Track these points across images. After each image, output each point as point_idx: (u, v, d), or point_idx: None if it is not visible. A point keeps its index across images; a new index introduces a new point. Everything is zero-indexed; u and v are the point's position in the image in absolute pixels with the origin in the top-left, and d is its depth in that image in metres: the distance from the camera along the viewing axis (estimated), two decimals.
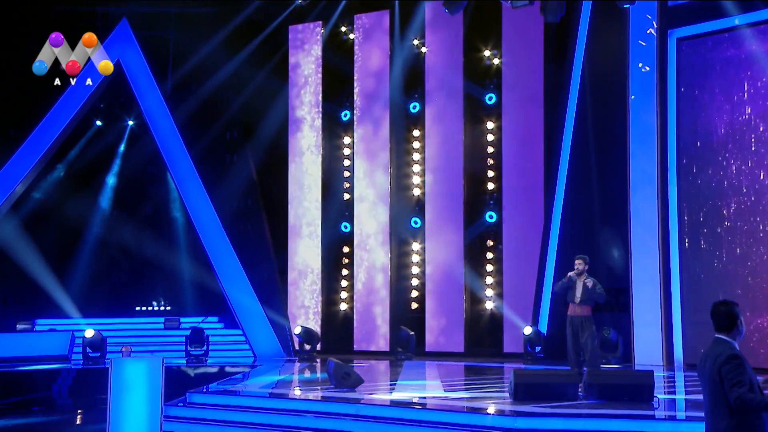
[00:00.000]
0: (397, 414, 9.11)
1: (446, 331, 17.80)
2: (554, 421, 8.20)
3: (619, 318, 15.31)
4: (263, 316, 17.46)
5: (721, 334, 4.75)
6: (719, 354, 4.67)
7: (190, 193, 17.68)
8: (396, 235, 18.46)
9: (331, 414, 9.51)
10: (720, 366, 4.61)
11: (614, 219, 15.45)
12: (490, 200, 17.68)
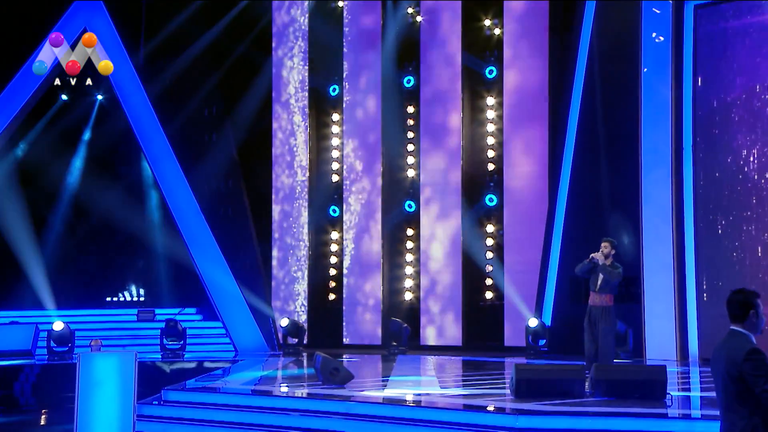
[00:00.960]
0: (389, 412, 9.11)
1: (443, 323, 17.83)
2: (558, 419, 8.22)
3: (630, 309, 15.34)
4: (245, 307, 17.45)
5: (735, 326, 4.67)
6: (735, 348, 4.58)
7: (166, 175, 17.61)
8: (389, 219, 18.46)
9: (319, 412, 9.51)
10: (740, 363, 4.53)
11: (624, 202, 15.45)
12: (490, 182, 17.67)
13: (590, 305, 10.76)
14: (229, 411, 10.04)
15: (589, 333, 10.68)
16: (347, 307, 18.59)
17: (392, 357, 16.10)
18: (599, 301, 10.67)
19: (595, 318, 10.63)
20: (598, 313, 10.64)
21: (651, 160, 14.86)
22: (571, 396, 9.29)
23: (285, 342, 17.03)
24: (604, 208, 15.77)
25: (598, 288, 10.66)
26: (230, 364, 15.14)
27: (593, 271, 10.70)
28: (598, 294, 10.67)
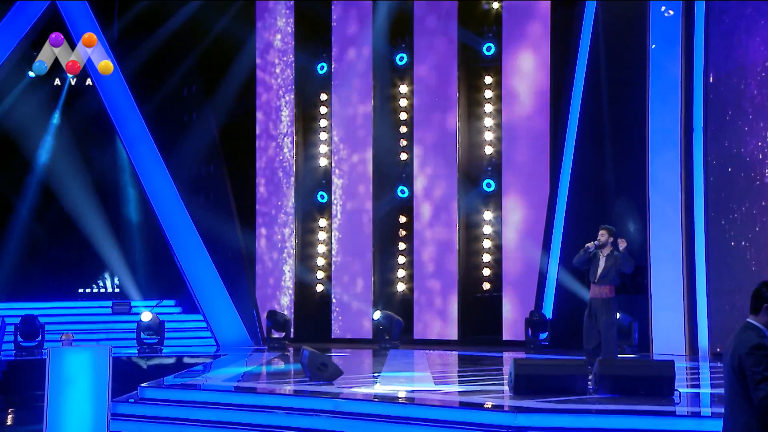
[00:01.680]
0: (380, 410, 9.11)
1: (437, 315, 17.85)
2: (560, 418, 8.22)
3: (635, 301, 15.36)
4: (227, 299, 17.45)
5: (751, 318, 4.67)
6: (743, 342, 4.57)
7: (142, 158, 17.54)
8: (380, 206, 18.44)
9: (306, 410, 9.51)
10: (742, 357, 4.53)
11: (630, 187, 15.45)
12: (488, 166, 17.66)
13: (590, 297, 10.73)
14: (210, 409, 10.03)
15: (588, 326, 10.64)
16: (336, 299, 18.58)
17: (384, 351, 16.11)
18: (599, 293, 10.63)
19: (596, 311, 10.59)
20: (599, 305, 10.59)
21: (659, 142, 14.85)
22: (573, 393, 9.30)
23: (270, 336, 17.04)
24: (609, 194, 15.77)
25: (597, 279, 10.62)
26: (211, 359, 15.13)
27: (592, 262, 10.66)
28: (597, 285, 10.63)
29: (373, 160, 18.39)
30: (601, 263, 10.62)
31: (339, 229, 18.68)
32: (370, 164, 18.39)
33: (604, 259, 10.61)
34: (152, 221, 17.79)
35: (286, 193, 19.02)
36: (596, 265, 10.64)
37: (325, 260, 19.01)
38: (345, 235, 18.61)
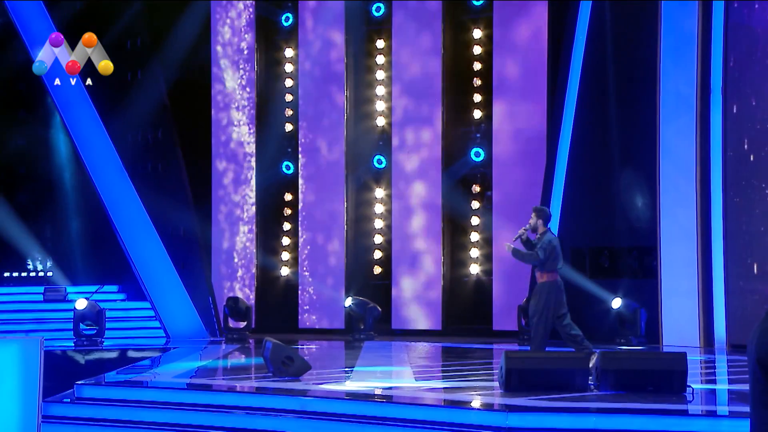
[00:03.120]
0: (353, 409, 9.13)
1: (419, 302, 17.88)
2: (556, 417, 8.25)
3: (644, 286, 15.44)
4: (179, 283, 17.39)
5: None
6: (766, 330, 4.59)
7: (79, 122, 17.37)
8: (354, 178, 18.40)
9: (269, 410, 9.50)
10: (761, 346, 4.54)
11: (639, 157, 15.48)
12: (476, 133, 17.65)
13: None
14: (159, 410, 10.01)
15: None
16: (304, 284, 18.57)
17: (358, 343, 16.13)
18: (538, 279, 11.07)
19: (533, 297, 11.07)
20: (535, 291, 11.05)
21: (671, 106, 14.87)
22: (571, 389, 9.33)
23: (228, 326, 17.00)
24: (614, 164, 15.80)
25: (534, 265, 11.14)
26: (160, 352, 15.11)
27: (529, 249, 11.03)
28: (537, 271, 11.07)
29: (346, 125, 18.33)
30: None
31: (307, 204, 18.63)
32: (344, 130, 18.33)
33: (538, 243, 10.91)
34: (90, 194, 17.62)
35: (246, 163, 18.93)
36: (532, 250, 10.96)
37: (291, 240, 18.97)
38: (314, 211, 18.56)
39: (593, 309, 15.82)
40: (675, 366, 9.37)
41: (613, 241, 16.07)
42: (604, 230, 16.17)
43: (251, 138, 18.91)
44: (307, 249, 18.63)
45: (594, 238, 16.34)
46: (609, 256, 16.23)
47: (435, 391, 10.14)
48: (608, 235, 16.12)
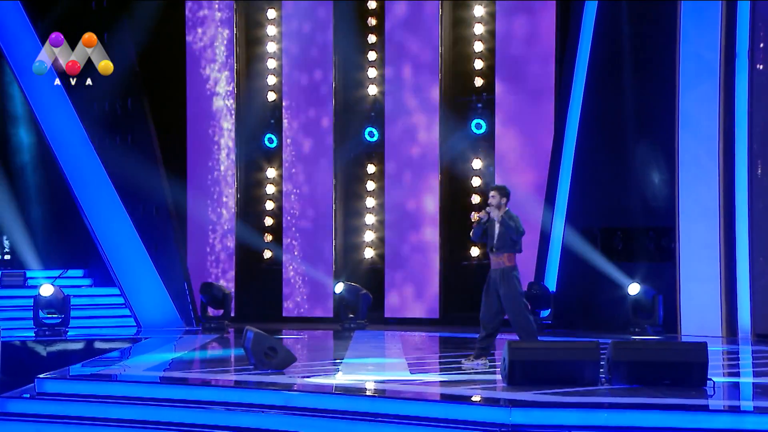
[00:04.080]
0: (343, 405, 9.13)
1: (414, 288, 17.89)
2: (564, 414, 8.26)
3: (660, 270, 15.45)
4: (151, 268, 17.38)
5: None
6: None
7: (39, 88, 17.26)
8: (343, 151, 18.37)
9: (250, 406, 9.51)
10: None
11: (656, 128, 15.45)
12: (477, 102, 17.60)
13: (491, 268, 11.29)
14: (129, 406, 10.00)
15: (485, 304, 11.16)
16: (288, 268, 18.56)
17: (348, 333, 16.15)
18: (497, 263, 11.19)
19: (494, 285, 11.14)
20: (497, 277, 11.12)
21: (692, 71, 14.83)
22: (581, 383, 9.34)
23: (205, 314, 17.00)
24: (628, 136, 15.77)
25: (494, 248, 11.18)
26: (130, 343, 15.09)
27: (489, 229, 11.19)
28: (495, 255, 11.21)
29: (334, 94, 18.28)
30: (496, 229, 11.16)
31: (292, 180, 18.59)
32: (332, 99, 18.28)
33: (499, 224, 11.11)
34: (53, 169, 17.55)
35: (225, 134, 18.88)
36: (492, 231, 11.19)
37: (275, 220, 18.94)
38: (300, 188, 18.53)
39: (606, 295, 15.84)
40: (694, 357, 9.39)
41: (627, 221, 16.07)
42: (617, 209, 16.16)
43: (230, 108, 18.85)
44: (292, 230, 18.62)
45: (606, 217, 16.32)
46: (622, 238, 16.23)
47: (432, 385, 10.16)
48: (622, 214, 16.11)
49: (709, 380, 9.32)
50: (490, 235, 11.20)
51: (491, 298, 11.13)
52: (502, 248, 11.14)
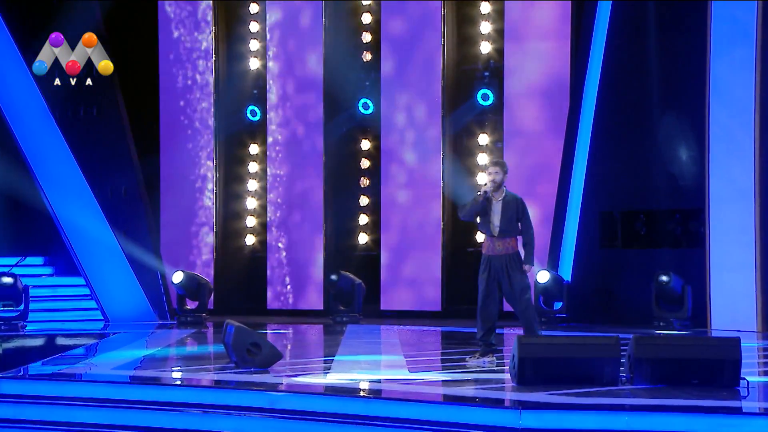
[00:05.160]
0: (334, 407, 9.13)
1: (414, 278, 17.90)
2: (580, 417, 8.25)
3: (688, 257, 15.46)
4: (120, 255, 17.41)
5: None
6: None
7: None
8: (334, 125, 18.35)
9: (231, 408, 9.51)
10: None
11: (683, 98, 15.45)
12: (484, 71, 17.60)
13: (488, 255, 11.05)
14: (96, 408, 10.00)
15: (486, 294, 11.01)
16: (274, 255, 18.58)
17: (340, 327, 16.18)
18: (503, 248, 10.99)
19: (499, 271, 10.98)
20: (503, 264, 10.97)
21: (725, 34, 14.81)
22: (598, 383, 9.35)
23: (182, 307, 17.00)
24: (653, 107, 15.76)
25: (498, 231, 10.95)
26: (97, 339, 15.09)
27: (484, 211, 10.97)
28: (499, 239, 10.97)
29: (324, 61, 18.27)
30: (497, 209, 10.98)
31: (277, 158, 18.59)
32: (321, 67, 18.26)
33: (500, 204, 10.92)
34: (9, 145, 17.53)
35: (202, 107, 18.87)
36: (490, 212, 10.94)
37: (258, 201, 18.95)
38: (285, 166, 18.53)
39: (626, 285, 15.86)
40: (726, 354, 9.38)
41: (651, 203, 16.07)
42: (639, 190, 16.16)
43: (208, 78, 18.84)
44: (278, 213, 18.63)
45: (627, 199, 16.33)
46: (646, 222, 16.24)
47: (433, 384, 10.17)
48: (645, 195, 16.11)
49: (742, 380, 9.32)
50: (490, 216, 11.00)
51: (492, 288, 11.05)
52: (509, 231, 11.00)
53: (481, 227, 11.13)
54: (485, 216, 11.02)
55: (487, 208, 10.99)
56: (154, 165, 18.86)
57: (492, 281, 11.04)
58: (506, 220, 10.98)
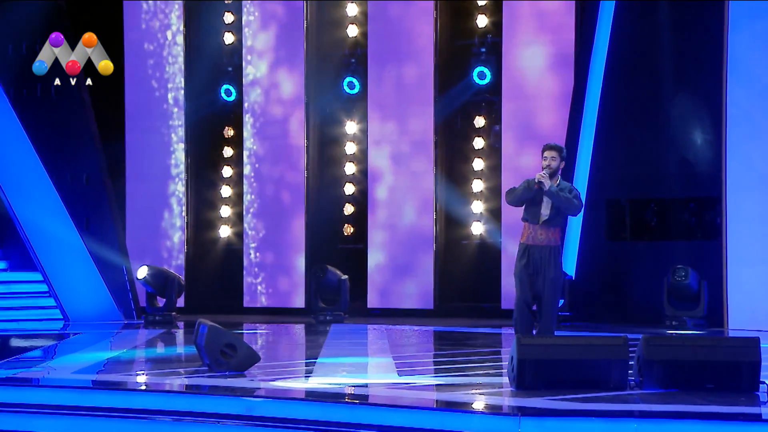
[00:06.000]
0: (316, 414, 9.13)
1: (404, 273, 17.93)
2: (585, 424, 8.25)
3: (704, 250, 15.49)
4: (82, 248, 17.42)
5: None
6: None
7: None
8: (317, 104, 18.35)
9: (204, 415, 9.51)
10: None
11: (698, 77, 15.46)
12: (480, 46, 17.61)
13: (528, 245, 10.98)
14: (55, 416, 9.99)
15: (527, 287, 10.94)
16: (250, 249, 18.57)
17: (323, 327, 16.20)
18: (544, 239, 10.93)
19: (538, 263, 10.91)
20: (544, 256, 10.90)
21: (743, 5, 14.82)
22: (605, 387, 9.37)
23: (152, 303, 16.98)
24: (665, 85, 15.78)
25: (543, 219, 10.89)
26: (56, 340, 15.09)
27: (533, 198, 10.92)
28: (542, 228, 10.91)
29: (306, 34, 18.27)
30: (545, 197, 10.86)
31: (254, 142, 18.59)
32: (303, 39, 18.25)
33: (550, 192, 10.83)
34: None
35: (172, 84, 18.85)
36: (538, 198, 10.87)
37: (234, 190, 18.95)
38: (263, 151, 18.53)
39: (636, 280, 15.89)
40: (744, 356, 9.41)
41: (663, 190, 16.10)
42: (650, 176, 16.19)
43: (177, 50, 18.82)
44: (256, 203, 18.62)
45: (637, 187, 16.36)
46: (657, 211, 16.27)
47: (424, 389, 10.18)
48: (656, 182, 16.14)
49: (762, 384, 9.36)
50: (535, 203, 10.89)
51: (533, 282, 10.92)
52: (556, 221, 10.90)
53: (526, 214, 11.00)
54: (533, 203, 10.93)
55: (537, 197, 10.89)
56: (118, 149, 18.84)
57: (529, 274, 10.93)
58: (556, 209, 10.88)
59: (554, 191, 10.80)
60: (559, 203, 10.82)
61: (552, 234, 10.94)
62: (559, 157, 10.93)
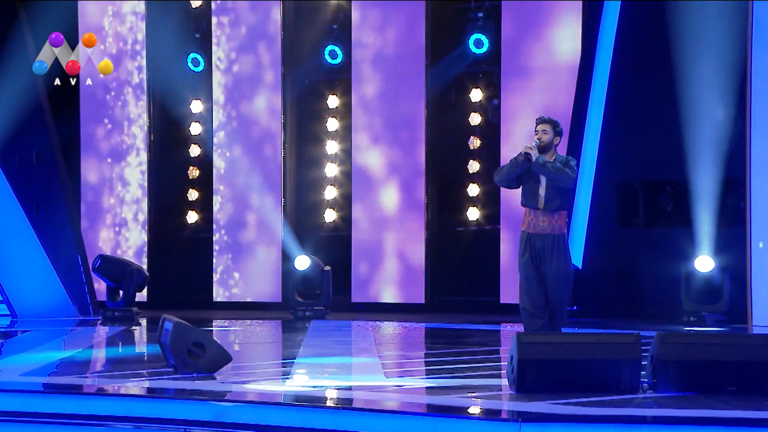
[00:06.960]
0: (294, 420, 9.16)
1: (392, 264, 17.97)
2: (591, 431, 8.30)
3: (725, 237, 15.54)
4: (32, 236, 17.47)
5: None
6: None
7: None
8: (296, 76, 18.37)
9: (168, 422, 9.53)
10: None
11: (720, 45, 15.47)
12: (477, 10, 17.67)
13: (529, 233, 10.95)
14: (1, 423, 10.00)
15: (532, 280, 10.92)
16: (221, 237, 18.60)
17: (302, 323, 16.26)
18: (547, 226, 10.89)
19: (541, 253, 10.90)
20: (547, 246, 10.87)
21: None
22: (614, 390, 9.42)
23: (113, 298, 16.99)
24: (683, 55, 15.79)
25: (543, 203, 10.84)
26: (2, 339, 15.12)
27: (527, 176, 10.82)
28: (544, 214, 10.87)
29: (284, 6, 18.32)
30: (540, 177, 10.80)
31: (224, 117, 18.59)
32: (280, 11, 18.28)
33: (545, 170, 10.76)
34: None
35: (131, 52, 18.84)
36: (534, 180, 10.81)
37: (202, 171, 18.95)
38: (235, 127, 18.54)
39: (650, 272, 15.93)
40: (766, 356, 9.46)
41: (680, 172, 16.11)
42: (665, 156, 16.22)
43: (139, 20, 18.81)
44: (226, 184, 18.62)
45: (651, 168, 16.40)
46: (673, 195, 16.31)
47: (414, 392, 10.21)
48: (672, 163, 16.17)
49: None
50: (530, 187, 10.87)
51: (539, 274, 10.94)
52: (557, 205, 10.85)
53: (524, 198, 10.98)
54: (529, 183, 10.89)
55: (531, 174, 10.81)
56: (72, 124, 18.82)
57: (535, 265, 10.93)
58: (553, 189, 10.82)
59: (541, 162, 10.70)
60: (549, 176, 10.75)
61: (556, 220, 10.92)
62: (553, 132, 10.88)
